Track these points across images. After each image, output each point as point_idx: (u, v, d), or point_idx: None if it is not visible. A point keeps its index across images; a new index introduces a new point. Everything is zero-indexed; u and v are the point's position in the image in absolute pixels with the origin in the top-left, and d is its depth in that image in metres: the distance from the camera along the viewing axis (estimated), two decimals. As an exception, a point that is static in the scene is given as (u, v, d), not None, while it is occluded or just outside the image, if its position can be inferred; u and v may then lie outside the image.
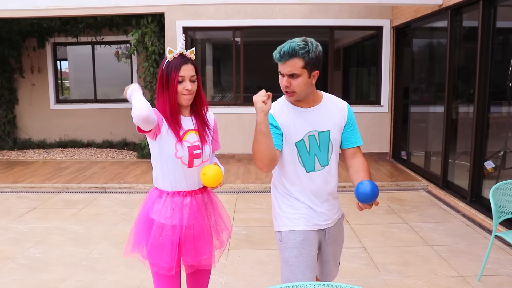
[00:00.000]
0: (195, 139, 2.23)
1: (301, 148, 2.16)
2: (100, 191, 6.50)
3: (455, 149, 6.21)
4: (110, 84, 10.83)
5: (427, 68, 7.23)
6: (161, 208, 2.20)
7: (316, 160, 2.19)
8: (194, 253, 2.25)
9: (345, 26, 8.25)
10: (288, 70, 2.03)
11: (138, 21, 8.26)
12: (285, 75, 2.06)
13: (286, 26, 8.30)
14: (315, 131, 2.17)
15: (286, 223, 2.21)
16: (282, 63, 2.05)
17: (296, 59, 2.01)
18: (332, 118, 2.21)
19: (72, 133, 10.34)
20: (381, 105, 8.33)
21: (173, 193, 2.22)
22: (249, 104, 8.49)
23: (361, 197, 1.97)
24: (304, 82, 2.06)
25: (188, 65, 2.15)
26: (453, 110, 6.03)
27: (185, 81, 2.14)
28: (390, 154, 8.40)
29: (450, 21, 5.74)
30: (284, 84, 2.07)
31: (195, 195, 2.26)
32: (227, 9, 8.15)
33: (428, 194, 6.22)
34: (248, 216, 5.32)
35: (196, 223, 2.24)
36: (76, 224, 5.06)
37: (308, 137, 2.16)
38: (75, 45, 10.33)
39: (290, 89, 2.07)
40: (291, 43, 2.02)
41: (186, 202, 2.21)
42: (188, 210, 2.21)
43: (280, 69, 2.08)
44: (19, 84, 10.36)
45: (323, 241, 2.26)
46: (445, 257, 4.02)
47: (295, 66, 2.02)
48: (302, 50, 2.01)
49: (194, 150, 2.21)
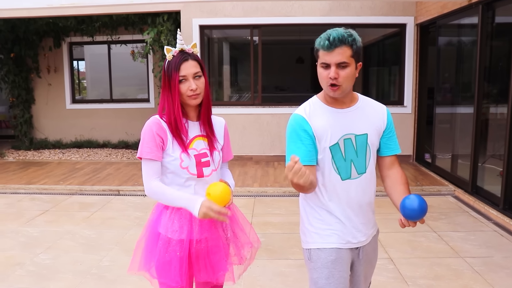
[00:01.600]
0: (202, 146, 2.02)
1: (335, 152, 1.93)
2: (114, 193, 6.32)
3: (485, 152, 5.87)
4: (127, 84, 10.72)
5: (454, 67, 6.88)
6: (167, 221, 1.98)
7: (353, 166, 1.94)
8: (210, 269, 2.02)
9: (367, 24, 7.94)
10: (338, 58, 1.81)
11: (154, 20, 8.08)
12: (333, 65, 1.82)
13: (305, 24, 8.03)
14: (351, 134, 1.93)
15: (316, 239, 1.97)
16: (330, 51, 1.81)
17: (345, 47, 1.81)
18: (369, 120, 1.98)
19: (88, 133, 10.22)
20: (404, 106, 8.00)
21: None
22: (267, 104, 8.26)
23: (407, 213, 1.74)
24: (352, 74, 1.85)
25: (188, 62, 1.93)
26: (483, 111, 5.69)
27: (188, 80, 1.92)
28: (413, 157, 8.07)
29: (481, 17, 5.40)
30: (332, 75, 1.82)
31: None
32: (245, 6, 7.91)
33: (456, 200, 5.89)
34: (266, 221, 5.07)
35: (209, 236, 2.01)
36: (88, 229, 4.87)
37: (344, 141, 1.92)
38: (90, 44, 10.22)
39: (337, 81, 1.83)
40: (336, 30, 1.83)
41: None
42: (198, 223, 1.98)
43: (325, 59, 1.83)
44: (36, 84, 10.28)
45: (356, 260, 2.02)
46: (479, 271, 3.71)
47: (345, 55, 1.81)
48: (350, 37, 1.82)
49: (202, 158, 2.00)
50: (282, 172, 7.21)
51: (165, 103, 1.97)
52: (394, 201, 1.95)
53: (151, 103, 9.97)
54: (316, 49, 1.87)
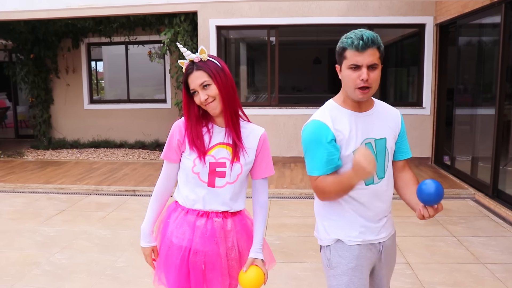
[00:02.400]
0: (223, 155, 1.90)
1: None
2: (130, 193, 6.34)
3: (506, 154, 5.72)
4: (144, 84, 10.78)
5: (475, 67, 6.73)
6: (173, 224, 1.94)
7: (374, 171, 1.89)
8: (204, 284, 1.94)
9: (385, 24, 7.82)
10: (370, 60, 1.74)
11: (171, 20, 8.09)
12: (364, 67, 1.75)
13: (323, 24, 7.96)
14: (371, 139, 1.88)
15: (338, 232, 1.90)
16: (362, 52, 1.74)
17: (376, 48, 1.76)
18: (387, 124, 1.94)
19: (105, 133, 10.29)
20: (422, 107, 7.86)
21: (188, 211, 1.94)
22: (283, 105, 8.21)
23: (425, 197, 1.71)
24: (379, 76, 1.81)
25: (193, 74, 1.84)
26: (504, 112, 5.55)
27: (199, 92, 1.84)
28: (432, 159, 7.93)
29: (504, 16, 5.27)
30: (363, 77, 1.74)
31: (213, 218, 1.92)
32: (262, 7, 7.86)
33: (476, 203, 5.75)
34: (282, 223, 5.02)
35: (209, 250, 1.90)
36: (104, 229, 4.88)
37: (365, 145, 1.86)
38: (108, 45, 10.30)
39: (368, 83, 1.76)
40: (365, 30, 1.77)
41: (199, 224, 1.91)
42: (199, 234, 1.90)
43: (356, 60, 1.75)
44: (55, 84, 10.40)
45: (378, 264, 1.96)
46: (501, 278, 3.60)
47: (375, 56, 1.76)
48: (378, 39, 1.77)
49: (217, 168, 1.89)
50: (298, 174, 7.14)
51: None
52: (408, 201, 1.93)
53: (168, 104, 10.00)
54: (342, 48, 1.79)
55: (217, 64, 1.87)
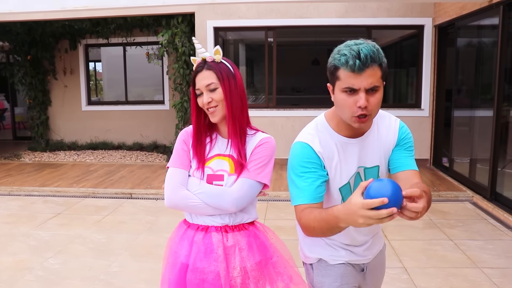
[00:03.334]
0: (222, 167, 1.78)
1: (346, 193, 1.67)
2: (127, 196, 6.31)
3: (505, 156, 5.69)
4: (142, 85, 10.75)
5: (473, 69, 6.70)
6: (174, 237, 1.88)
7: None
8: None
9: (384, 25, 7.79)
10: (369, 82, 1.43)
11: (168, 22, 8.07)
12: (362, 91, 1.44)
13: (321, 26, 7.93)
14: (361, 168, 1.66)
15: (320, 252, 1.78)
16: (359, 74, 1.42)
17: (376, 67, 1.44)
18: (383, 147, 1.68)
19: (103, 135, 10.27)
20: (421, 109, 7.83)
21: (190, 225, 1.84)
22: (281, 107, 8.18)
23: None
24: (381, 99, 1.50)
25: (203, 73, 1.73)
26: (503, 114, 5.52)
27: (203, 93, 1.73)
28: (430, 161, 7.90)
29: (502, 17, 5.24)
30: (362, 104, 1.44)
31: (212, 232, 1.78)
32: (259, 8, 7.84)
33: (474, 206, 5.72)
34: (278, 226, 4.99)
35: (206, 267, 1.74)
36: (99, 233, 4.86)
37: (354, 178, 1.66)
38: (106, 46, 10.26)
39: (367, 110, 1.46)
40: (363, 45, 1.44)
41: (197, 239, 1.79)
42: (197, 249, 1.77)
43: (351, 83, 1.44)
44: (52, 85, 10.38)
45: (362, 282, 1.85)
46: (498, 283, 3.57)
47: (376, 76, 1.44)
48: (380, 54, 1.44)
49: (214, 181, 1.77)
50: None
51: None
52: None
53: (166, 105, 9.97)
54: (334, 67, 1.49)
55: (229, 69, 1.76)
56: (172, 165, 1.80)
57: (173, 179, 1.77)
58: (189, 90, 8.26)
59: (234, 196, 1.72)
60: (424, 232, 4.79)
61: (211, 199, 1.73)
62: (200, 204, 1.74)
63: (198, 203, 1.74)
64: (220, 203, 1.73)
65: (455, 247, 4.35)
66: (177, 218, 2.03)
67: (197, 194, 1.74)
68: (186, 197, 1.75)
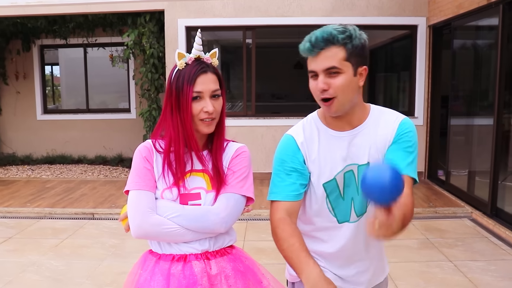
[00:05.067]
0: (198, 185, 1.71)
1: (331, 191, 1.70)
2: (88, 217, 6.21)
3: (506, 169, 5.79)
4: (105, 92, 10.66)
5: (471, 73, 6.84)
6: (140, 272, 1.74)
7: (353, 206, 1.71)
8: None
9: (374, 25, 7.88)
10: (326, 64, 1.55)
11: (135, 20, 8.05)
12: (320, 73, 1.57)
13: (305, 25, 7.97)
14: (353, 165, 1.68)
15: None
16: (314, 56, 1.56)
17: (335, 48, 1.55)
18: (377, 142, 1.69)
19: (61, 148, 10.12)
20: (415, 117, 7.94)
21: (161, 256, 1.71)
22: (261, 115, 8.19)
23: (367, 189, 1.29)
24: (348, 82, 1.57)
25: (207, 75, 1.67)
26: (504, 122, 5.63)
27: (204, 99, 1.65)
28: (425, 174, 8.00)
29: (502, 17, 5.36)
30: (320, 87, 1.56)
31: (192, 261, 1.68)
32: (236, 5, 7.87)
33: (473, 223, 5.80)
34: (259, 249, 4.97)
35: None
36: (56, 259, 4.75)
37: (344, 175, 1.69)
38: (64, 47, 10.15)
39: (329, 93, 1.57)
40: (324, 28, 1.58)
41: (174, 271, 1.66)
42: (176, 284, 1.64)
43: (312, 67, 1.59)
44: (2, 92, 10.21)
45: None
46: (502, 308, 3.62)
47: (335, 58, 1.55)
48: (342, 34, 1.55)
49: (190, 201, 1.69)
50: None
51: (167, 125, 1.70)
52: None
53: (132, 114, 9.90)
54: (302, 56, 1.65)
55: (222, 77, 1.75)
56: (134, 188, 1.67)
57: (139, 204, 1.65)
58: (158, 96, 8.22)
59: (221, 215, 1.67)
60: (421, 253, 4.82)
61: (193, 222, 1.65)
62: (178, 229, 1.65)
63: (175, 228, 1.64)
64: (206, 225, 1.66)
65: (455, 269, 4.39)
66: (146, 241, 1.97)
67: (172, 219, 1.65)
68: (159, 223, 1.64)
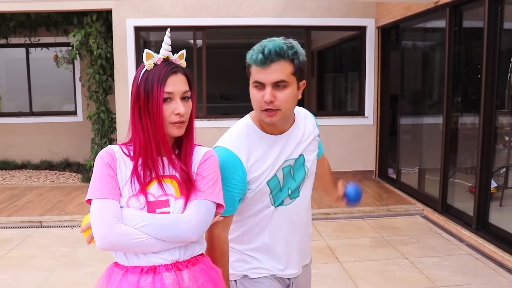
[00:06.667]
0: (164, 192, 1.63)
1: (274, 186, 1.83)
2: (36, 225, 5.94)
3: (454, 165, 5.98)
4: (49, 94, 10.26)
5: (420, 73, 7.03)
6: (106, 286, 1.62)
7: (288, 194, 1.88)
8: None
9: (324, 26, 7.98)
10: (275, 77, 1.64)
11: (81, 20, 7.79)
12: (268, 86, 1.66)
13: (256, 26, 7.97)
14: (290, 160, 1.86)
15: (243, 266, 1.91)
16: (264, 67, 1.65)
17: (284, 62, 1.65)
18: (306, 138, 1.92)
19: (3, 153, 9.68)
20: (365, 117, 8.08)
21: (128, 269, 1.60)
22: (212, 116, 8.11)
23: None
24: (293, 95, 1.70)
25: (177, 76, 1.62)
26: (452, 121, 5.81)
27: (174, 100, 1.59)
28: (376, 173, 8.15)
29: (449, 20, 5.53)
30: (267, 99, 1.65)
31: (163, 272, 1.58)
32: (186, 5, 7.76)
33: (425, 220, 5.95)
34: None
35: None
36: (2, 272, 4.50)
37: (282, 170, 1.84)
38: (4, 47, 9.67)
39: (274, 105, 1.67)
40: (273, 41, 1.67)
41: (144, 284, 1.55)
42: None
43: (259, 77, 1.67)
44: None
45: None
46: (459, 303, 3.71)
47: (284, 71, 1.65)
48: (291, 50, 1.66)
49: (158, 208, 1.60)
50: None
51: (136, 130, 1.62)
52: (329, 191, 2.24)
53: (78, 116, 9.60)
54: (247, 64, 1.71)
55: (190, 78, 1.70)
56: (98, 196, 1.58)
57: (104, 214, 1.55)
58: (106, 98, 8.00)
59: (193, 222, 1.58)
60: (377, 251, 4.89)
61: (163, 231, 1.56)
62: (146, 239, 1.55)
63: (144, 238, 1.55)
64: (177, 233, 1.57)
65: (411, 266, 4.47)
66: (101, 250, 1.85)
67: (139, 228, 1.55)
68: (126, 233, 1.53)
